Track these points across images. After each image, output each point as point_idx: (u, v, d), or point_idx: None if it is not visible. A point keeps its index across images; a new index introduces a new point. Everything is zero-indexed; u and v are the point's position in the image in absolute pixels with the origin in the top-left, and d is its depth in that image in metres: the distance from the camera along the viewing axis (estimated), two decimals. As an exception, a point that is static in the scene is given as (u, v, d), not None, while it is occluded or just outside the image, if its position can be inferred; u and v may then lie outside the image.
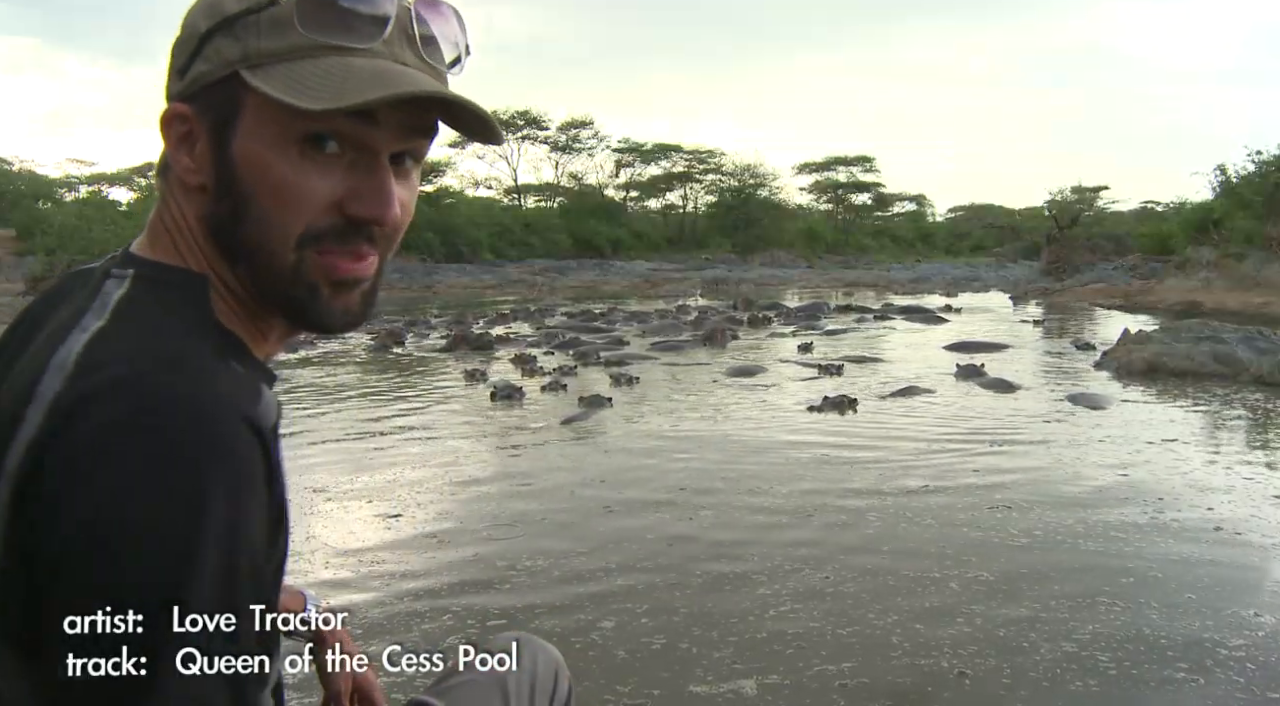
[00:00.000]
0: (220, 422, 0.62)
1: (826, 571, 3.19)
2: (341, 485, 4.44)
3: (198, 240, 0.75)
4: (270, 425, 0.69)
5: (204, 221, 0.74)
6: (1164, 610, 2.81)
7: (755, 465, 4.81)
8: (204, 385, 0.63)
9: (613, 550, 3.42)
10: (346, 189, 0.71)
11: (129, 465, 0.59)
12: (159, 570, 0.58)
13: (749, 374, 8.35)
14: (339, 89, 0.67)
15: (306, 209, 0.71)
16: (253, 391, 0.68)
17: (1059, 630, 2.65)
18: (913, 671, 2.39)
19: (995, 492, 4.22)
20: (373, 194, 0.72)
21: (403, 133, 0.73)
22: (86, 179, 46.37)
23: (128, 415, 0.60)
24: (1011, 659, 2.46)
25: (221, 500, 0.60)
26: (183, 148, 0.73)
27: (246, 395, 0.66)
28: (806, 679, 2.35)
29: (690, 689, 2.28)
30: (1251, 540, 3.53)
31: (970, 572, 3.15)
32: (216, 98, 0.71)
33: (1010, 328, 13.66)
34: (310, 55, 0.69)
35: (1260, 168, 23.86)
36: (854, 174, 60.64)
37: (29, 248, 23.73)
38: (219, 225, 0.73)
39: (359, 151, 0.72)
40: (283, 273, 0.72)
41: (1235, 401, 6.94)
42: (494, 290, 25.00)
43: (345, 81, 0.68)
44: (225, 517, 0.60)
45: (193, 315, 0.72)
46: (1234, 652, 2.51)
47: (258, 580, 0.64)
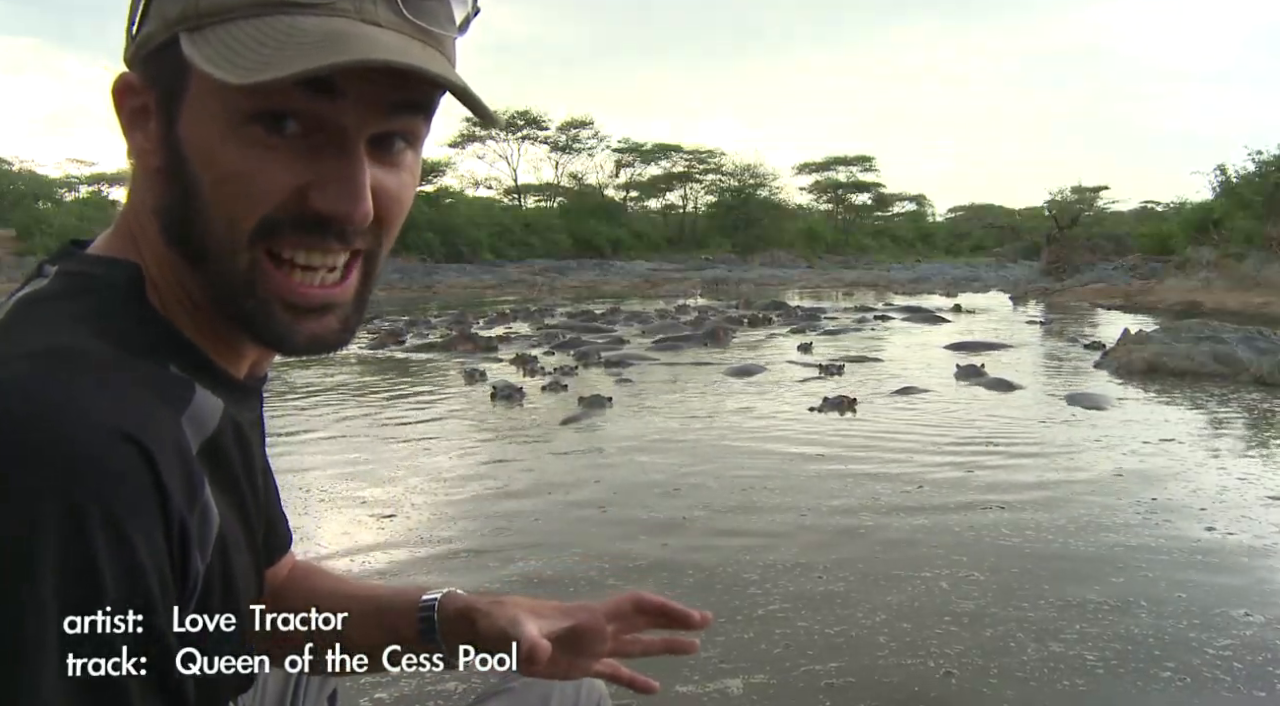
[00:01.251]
0: (77, 442, 0.51)
1: (819, 571, 3.19)
2: (337, 485, 4.45)
3: (150, 234, 0.65)
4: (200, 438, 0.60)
5: (157, 214, 0.64)
6: (1153, 610, 2.81)
7: (751, 465, 4.81)
8: (61, 396, 0.53)
9: (605, 550, 3.43)
10: (310, 177, 0.60)
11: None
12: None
13: (748, 374, 8.35)
14: (269, 57, 0.56)
15: (260, 200, 0.60)
16: (168, 399, 0.58)
17: (1047, 629, 2.65)
18: (899, 671, 2.39)
19: (989, 493, 4.22)
20: (338, 183, 0.61)
21: (382, 110, 0.61)
22: (86, 179, 46.44)
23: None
24: (998, 658, 2.46)
25: (56, 537, 0.50)
26: (136, 124, 0.64)
27: (145, 405, 0.56)
28: (793, 678, 2.35)
29: (676, 688, 2.28)
30: (1244, 541, 3.53)
31: (961, 572, 3.16)
32: (163, 66, 0.61)
33: (1010, 328, 13.65)
34: (253, 14, 0.58)
35: (1260, 168, 23.86)
36: (854, 174, 60.79)
37: (29, 248, 23.77)
38: (170, 218, 0.63)
39: (323, 132, 0.60)
40: (234, 277, 0.62)
41: (1234, 402, 6.94)
42: (494, 290, 25.01)
43: (281, 48, 0.56)
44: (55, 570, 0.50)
45: (108, 308, 0.62)
46: (1221, 652, 2.51)
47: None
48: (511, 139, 49.26)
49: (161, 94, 0.61)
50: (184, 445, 0.57)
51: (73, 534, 0.50)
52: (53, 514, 0.50)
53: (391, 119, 0.62)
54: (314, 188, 0.61)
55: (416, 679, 2.35)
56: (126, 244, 0.67)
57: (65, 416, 0.52)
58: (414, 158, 0.67)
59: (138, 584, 0.53)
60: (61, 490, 0.50)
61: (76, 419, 0.52)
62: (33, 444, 0.51)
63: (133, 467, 0.53)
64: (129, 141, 0.64)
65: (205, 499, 0.59)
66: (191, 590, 0.58)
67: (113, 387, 0.55)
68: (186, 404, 0.60)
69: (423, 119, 0.65)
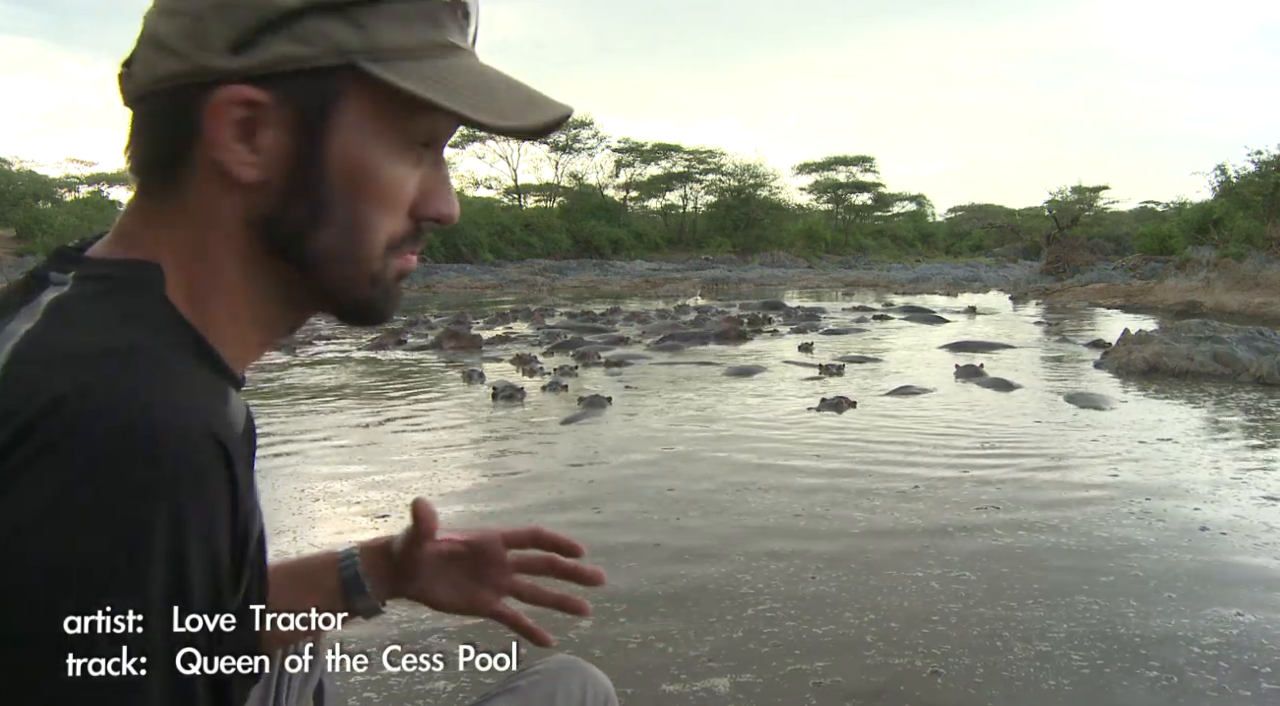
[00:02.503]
0: (177, 440, 0.53)
1: (811, 571, 3.20)
2: (332, 485, 4.46)
3: (233, 242, 0.65)
4: (238, 433, 0.61)
5: (257, 224, 0.64)
6: (1141, 609, 2.82)
7: (747, 465, 4.82)
8: (157, 394, 0.54)
9: (598, 549, 3.44)
10: (422, 190, 0.68)
11: (57, 494, 0.50)
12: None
13: (748, 374, 8.36)
14: (509, 102, 0.65)
15: (400, 213, 0.67)
16: (219, 396, 0.60)
17: (1034, 629, 2.66)
18: (886, 670, 2.40)
19: (984, 493, 4.23)
20: (447, 192, 0.70)
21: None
22: (86, 179, 46.39)
23: (64, 435, 0.51)
24: (985, 658, 2.47)
25: (165, 538, 0.52)
26: (239, 135, 0.62)
27: (212, 402, 0.58)
28: (780, 678, 2.36)
29: (664, 687, 2.29)
30: (1235, 540, 3.54)
31: (952, 572, 3.17)
32: (312, 86, 0.62)
33: (1011, 327, 13.66)
34: (438, 54, 0.64)
35: (1260, 168, 23.91)
36: (854, 174, 60.73)
37: (29, 248, 23.78)
38: (285, 229, 0.64)
39: (435, 150, 0.69)
40: (363, 280, 0.68)
41: (1233, 402, 6.95)
42: (494, 290, 25.00)
43: (510, 94, 0.66)
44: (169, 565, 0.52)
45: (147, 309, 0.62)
46: (1207, 651, 2.52)
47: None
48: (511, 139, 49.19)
49: (304, 112, 0.63)
50: (239, 441, 0.60)
51: (178, 534, 0.52)
52: (163, 514, 0.52)
53: None
54: (423, 198, 0.68)
55: (406, 677, 2.36)
56: (137, 248, 0.65)
57: (167, 415, 0.54)
58: None
59: (218, 581, 0.56)
60: (169, 490, 0.52)
61: (174, 417, 0.54)
62: (142, 442, 0.52)
63: (216, 464, 0.55)
64: (219, 151, 0.62)
65: (255, 495, 0.63)
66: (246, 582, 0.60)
67: (190, 384, 0.58)
68: (227, 402, 0.61)
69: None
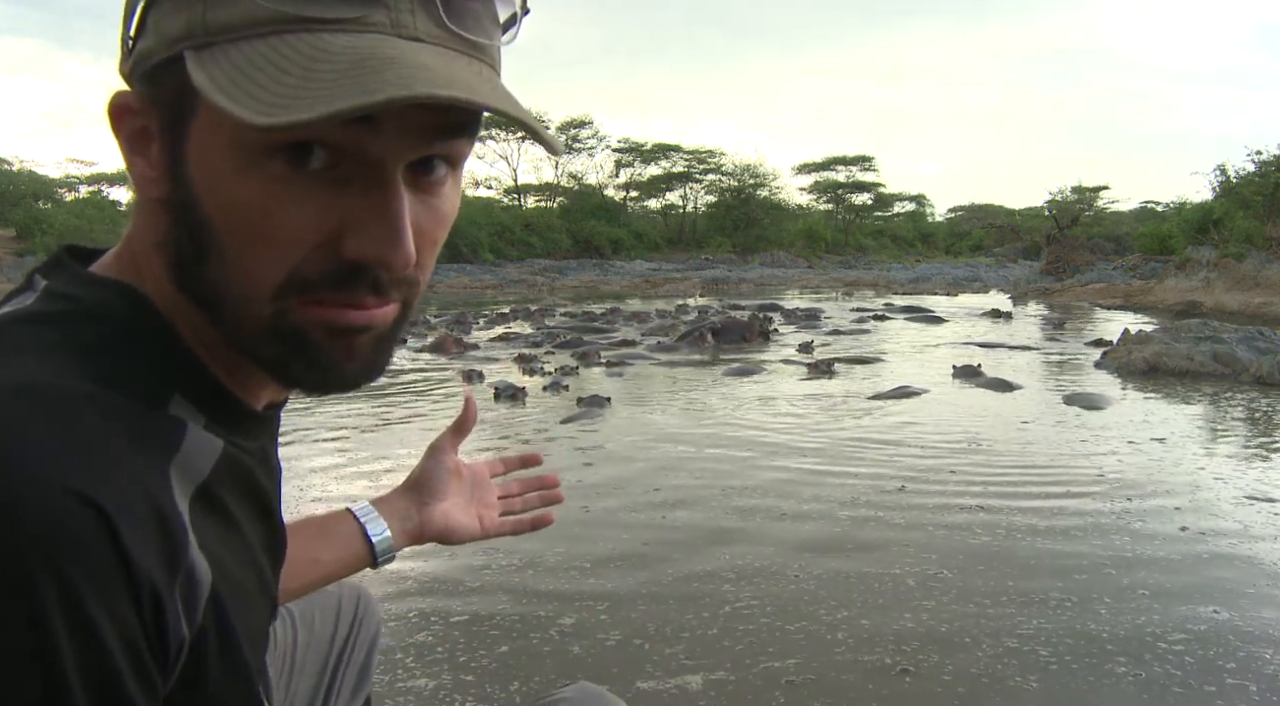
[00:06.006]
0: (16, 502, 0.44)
1: (793, 569, 3.24)
2: (329, 486, 4.51)
3: (155, 267, 0.57)
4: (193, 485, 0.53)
5: (160, 249, 0.56)
6: (1113, 606, 2.86)
7: (741, 465, 4.86)
8: (12, 443, 0.45)
9: (585, 550, 3.47)
10: (341, 218, 0.52)
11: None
12: None
13: (746, 374, 8.41)
14: (293, 90, 0.47)
15: (288, 248, 0.52)
16: (156, 445, 0.51)
17: (1004, 626, 2.70)
18: (856, 667, 2.44)
19: (968, 492, 4.27)
20: (378, 225, 0.52)
21: (423, 135, 0.53)
22: (86, 179, 46.54)
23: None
24: (954, 655, 2.51)
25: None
26: (137, 148, 0.55)
27: (111, 455, 0.48)
28: (752, 675, 2.40)
29: (638, 685, 2.34)
30: (1213, 540, 3.58)
31: (929, 570, 3.21)
32: (166, 86, 0.52)
33: (1011, 327, 13.69)
34: (270, 31, 0.49)
35: (1260, 168, 23.90)
36: (854, 174, 60.74)
37: (29, 248, 23.86)
38: (176, 257, 0.55)
39: (357, 164, 0.52)
40: (256, 325, 0.54)
41: (1230, 402, 6.97)
42: (494, 290, 25.04)
43: (307, 78, 0.47)
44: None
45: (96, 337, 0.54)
46: (1174, 647, 2.56)
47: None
48: (511, 139, 49.30)
49: (164, 117, 0.53)
50: (161, 501, 0.50)
51: (28, 613, 0.43)
52: (3, 589, 0.43)
53: (432, 143, 0.54)
54: (346, 230, 0.52)
55: (389, 673, 2.41)
56: (127, 264, 0.59)
57: (12, 473, 0.44)
58: (455, 180, 0.59)
59: (105, 665, 0.46)
60: (12, 559, 0.43)
61: (22, 476, 0.44)
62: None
63: (89, 532, 0.45)
64: (129, 167, 0.56)
65: (191, 559, 0.51)
66: (175, 658, 0.51)
67: (77, 436, 0.47)
68: (175, 450, 0.52)
69: (467, 139, 0.57)
